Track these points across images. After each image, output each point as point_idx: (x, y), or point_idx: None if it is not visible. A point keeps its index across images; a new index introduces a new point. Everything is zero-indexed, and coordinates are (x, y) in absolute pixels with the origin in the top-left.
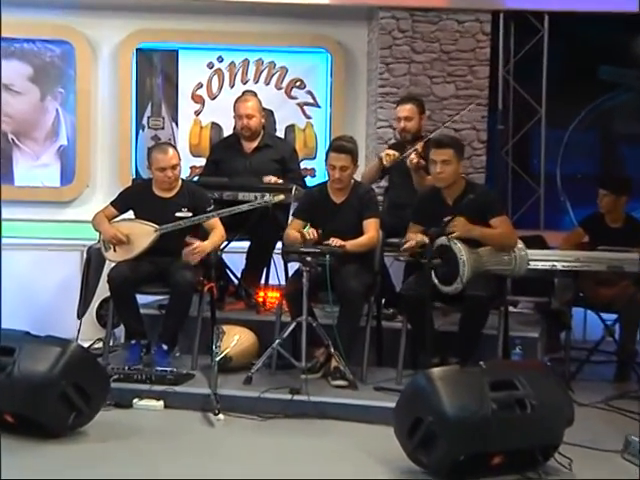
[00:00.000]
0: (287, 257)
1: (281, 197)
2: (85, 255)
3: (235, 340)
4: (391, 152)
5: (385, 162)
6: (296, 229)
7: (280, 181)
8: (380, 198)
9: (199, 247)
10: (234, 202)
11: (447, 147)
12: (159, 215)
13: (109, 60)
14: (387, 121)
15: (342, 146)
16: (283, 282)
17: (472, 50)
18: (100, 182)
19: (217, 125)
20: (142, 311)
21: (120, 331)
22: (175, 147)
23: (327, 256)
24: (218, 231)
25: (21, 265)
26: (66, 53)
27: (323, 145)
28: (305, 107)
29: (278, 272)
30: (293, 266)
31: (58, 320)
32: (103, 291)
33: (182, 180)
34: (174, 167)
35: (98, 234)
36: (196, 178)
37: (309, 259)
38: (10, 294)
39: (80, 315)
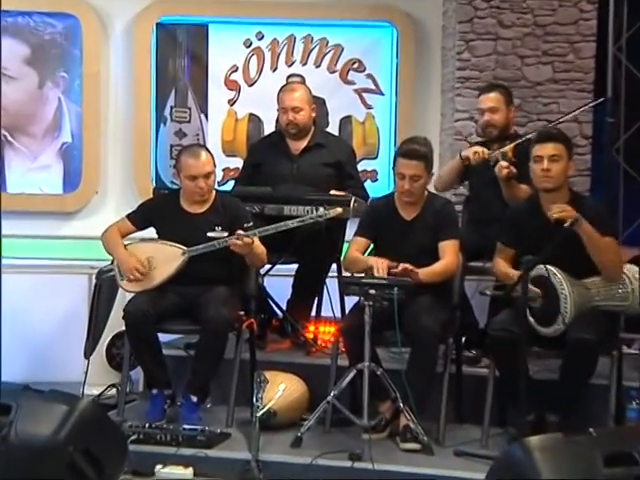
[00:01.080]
0: (346, 290)
1: (338, 211)
2: (94, 280)
3: (280, 390)
4: (479, 149)
5: (472, 161)
6: (359, 250)
7: (337, 192)
8: (458, 207)
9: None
10: (278, 217)
11: (556, 141)
12: (187, 234)
13: (123, 37)
14: (467, 112)
15: (414, 151)
16: (339, 314)
17: (574, 23)
18: (112, 188)
19: (256, 117)
20: (165, 352)
21: (137, 373)
22: (209, 150)
23: (395, 289)
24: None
25: (15, 292)
26: (70, 29)
27: (387, 142)
28: (365, 94)
29: (332, 301)
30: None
31: (60, 360)
32: (116, 324)
33: (216, 191)
34: (208, 176)
35: (111, 260)
36: (229, 184)
37: (373, 292)
38: (2, 328)
39: (88, 354)
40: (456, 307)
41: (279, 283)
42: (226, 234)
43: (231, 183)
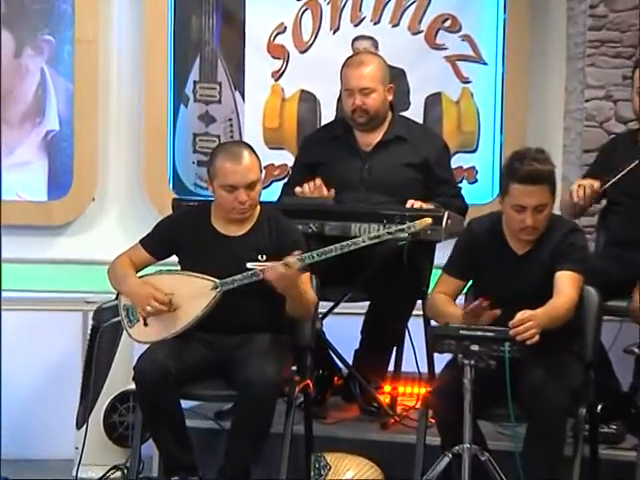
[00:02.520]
0: (436, 344)
1: (428, 222)
2: (91, 320)
3: (348, 479)
4: (586, 182)
5: (579, 201)
6: (447, 294)
7: (424, 205)
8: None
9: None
10: (342, 238)
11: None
12: (221, 265)
13: None
14: (602, 88)
15: (535, 173)
16: (426, 369)
17: None
18: (114, 194)
19: (310, 96)
20: (189, 423)
21: (149, 448)
22: (254, 150)
23: (506, 344)
24: (309, 288)
25: None
26: None
27: (490, 128)
28: (460, 64)
29: (417, 352)
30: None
31: (44, 429)
32: (117, 380)
33: (261, 204)
34: (251, 186)
35: (116, 295)
36: (274, 188)
37: (475, 348)
38: None
39: (80, 423)
40: (590, 365)
41: (344, 326)
42: (270, 264)
43: (276, 187)
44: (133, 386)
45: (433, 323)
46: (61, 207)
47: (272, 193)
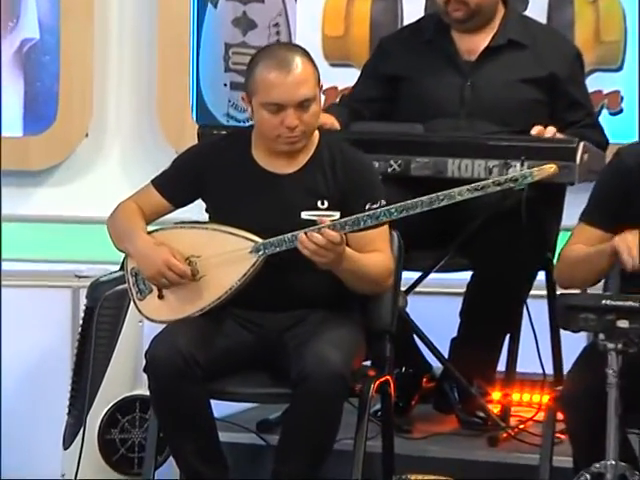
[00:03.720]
0: (568, 320)
1: (551, 171)
2: (84, 299)
3: None
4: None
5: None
6: (590, 245)
7: (551, 134)
8: None
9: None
10: (434, 183)
11: None
12: (265, 214)
13: None
14: None
15: None
16: (551, 369)
17: None
18: (115, 128)
19: None
20: (222, 436)
21: (167, 473)
22: (309, 55)
23: None
24: (382, 257)
25: None
26: None
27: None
28: None
29: (539, 344)
30: (578, 339)
31: (21, 448)
32: (117, 382)
33: (320, 132)
34: (305, 105)
35: (123, 258)
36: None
37: (624, 324)
38: None
39: (68, 441)
40: None
41: (436, 307)
42: (337, 214)
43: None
44: (140, 391)
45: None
46: (41, 146)
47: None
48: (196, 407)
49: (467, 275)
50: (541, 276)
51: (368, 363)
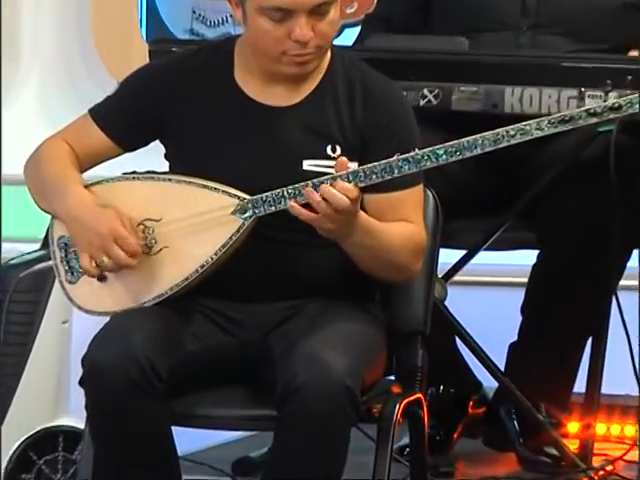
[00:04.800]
0: None
1: None
2: None
3: None
4: None
5: None
6: None
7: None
8: None
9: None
10: (487, 121)
11: None
12: (254, 162)
13: None
14: None
15: None
16: None
17: None
18: (34, 48)
19: None
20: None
21: None
22: None
23: None
24: (411, 230)
25: None
26: None
27: None
28: None
29: (634, 352)
30: None
31: None
32: (33, 407)
33: (334, 51)
34: (321, 11)
35: (50, 221)
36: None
37: None
38: None
39: None
40: None
41: (485, 299)
42: (354, 165)
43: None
44: (65, 420)
45: None
46: None
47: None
48: (153, 437)
49: (531, 256)
50: (636, 259)
51: (391, 378)
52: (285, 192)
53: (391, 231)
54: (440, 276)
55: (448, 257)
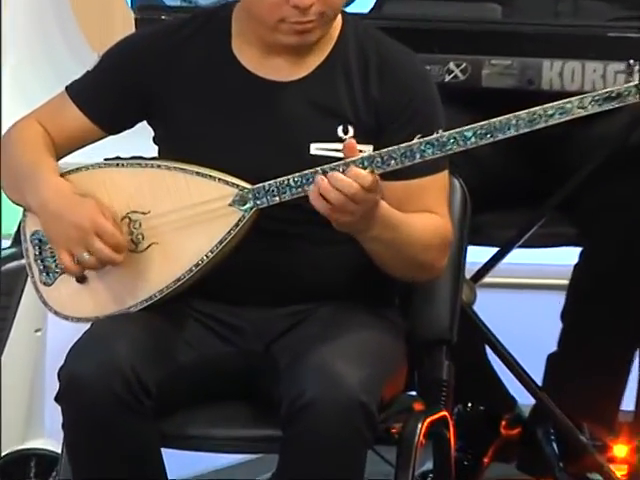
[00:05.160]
0: None
1: None
2: None
3: None
4: None
5: None
6: None
7: None
8: None
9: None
10: (523, 100)
11: None
12: (255, 146)
13: None
14: None
15: None
16: None
17: None
18: (9, 21)
19: None
20: None
21: None
22: None
23: None
24: (436, 222)
25: None
26: None
27: None
28: None
29: None
30: None
31: None
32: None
33: (345, 18)
34: None
35: (22, 214)
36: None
37: None
38: None
39: None
40: None
41: (520, 304)
42: (368, 150)
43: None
44: (37, 442)
45: None
46: None
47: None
48: (141, 461)
49: (573, 254)
50: None
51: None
52: (291, 180)
53: (414, 223)
54: (468, 277)
55: (477, 255)
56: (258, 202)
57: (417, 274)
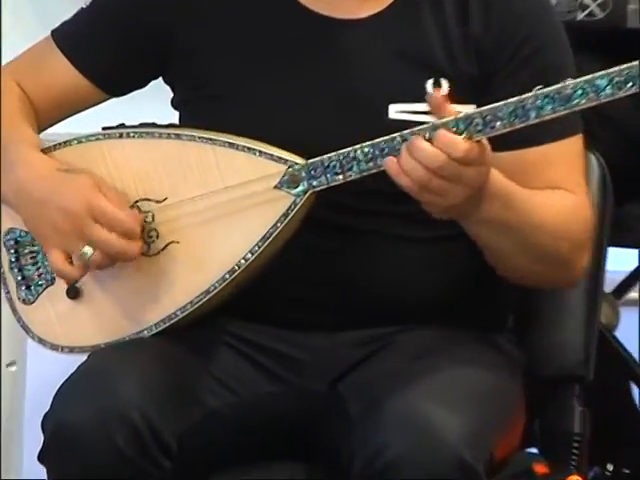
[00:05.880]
0: None
1: None
2: None
3: None
4: None
5: None
6: None
7: None
8: None
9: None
10: None
11: None
12: (315, 105)
13: None
14: None
15: None
16: None
17: None
18: None
19: None
20: None
21: None
22: None
23: None
24: (571, 201)
25: None
26: None
27: None
28: None
29: None
30: None
31: None
32: None
33: None
34: None
35: None
36: None
37: None
38: None
39: None
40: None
41: None
42: (470, 109)
43: None
44: None
45: None
46: None
47: None
48: None
49: None
50: None
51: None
52: (359, 152)
53: (543, 201)
54: (608, 291)
55: (619, 262)
56: (314, 183)
57: (546, 275)
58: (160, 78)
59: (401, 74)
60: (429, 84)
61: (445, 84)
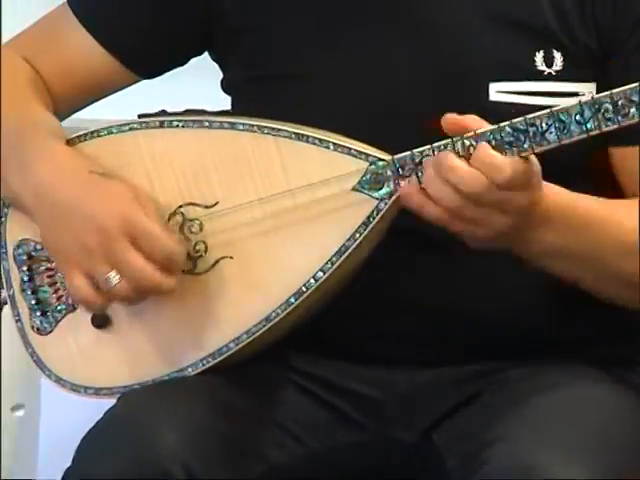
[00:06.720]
0: None
1: None
2: None
3: None
4: None
5: None
6: None
7: None
8: None
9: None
10: None
11: None
12: (397, 86)
13: None
14: None
15: None
16: None
17: None
18: None
19: None
20: None
21: None
22: None
23: None
24: None
25: None
26: None
27: None
28: None
29: None
30: None
31: None
32: None
33: None
34: None
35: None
36: None
37: None
38: None
39: None
40: None
41: None
42: (591, 89)
43: None
44: None
45: None
46: None
47: None
48: None
49: None
50: None
51: None
52: (459, 144)
53: (629, 213)
54: None
55: None
56: (402, 183)
57: (630, 296)
58: (206, 54)
59: (504, 46)
60: (538, 58)
61: (559, 58)
